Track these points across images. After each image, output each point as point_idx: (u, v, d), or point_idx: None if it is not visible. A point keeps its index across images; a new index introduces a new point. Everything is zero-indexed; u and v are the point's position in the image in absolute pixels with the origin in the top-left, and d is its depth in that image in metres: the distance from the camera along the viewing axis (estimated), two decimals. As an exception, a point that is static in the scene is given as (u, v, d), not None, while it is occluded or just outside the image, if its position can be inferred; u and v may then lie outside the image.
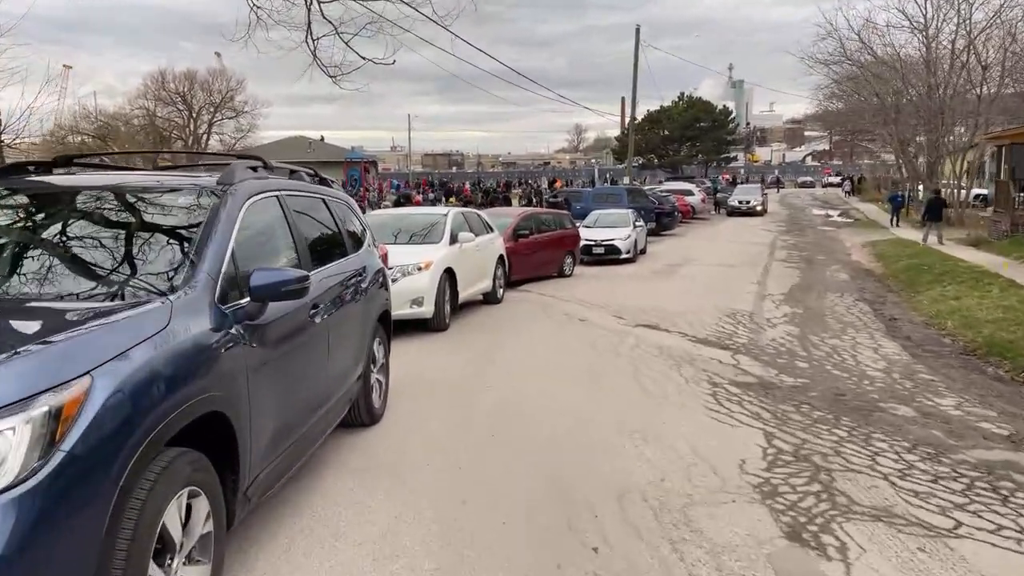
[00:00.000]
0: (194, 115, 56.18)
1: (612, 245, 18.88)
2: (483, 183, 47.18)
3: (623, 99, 66.54)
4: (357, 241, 5.53)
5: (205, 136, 57.51)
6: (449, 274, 9.77)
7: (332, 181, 5.79)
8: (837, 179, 61.67)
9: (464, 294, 10.39)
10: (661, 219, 26.63)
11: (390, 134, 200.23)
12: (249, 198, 3.74)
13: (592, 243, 18.69)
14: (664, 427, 5.69)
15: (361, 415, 5.36)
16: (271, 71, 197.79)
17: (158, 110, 56.32)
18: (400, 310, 8.95)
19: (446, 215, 10.59)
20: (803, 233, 27.84)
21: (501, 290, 12.41)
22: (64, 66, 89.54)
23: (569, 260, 16.54)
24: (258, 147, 57.81)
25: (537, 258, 15.39)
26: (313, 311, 4.05)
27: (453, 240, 10.18)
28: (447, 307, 9.69)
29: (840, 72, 31.39)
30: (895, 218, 28.83)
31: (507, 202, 30.61)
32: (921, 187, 33.04)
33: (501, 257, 12.40)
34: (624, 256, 18.90)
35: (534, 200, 31.58)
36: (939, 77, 28.07)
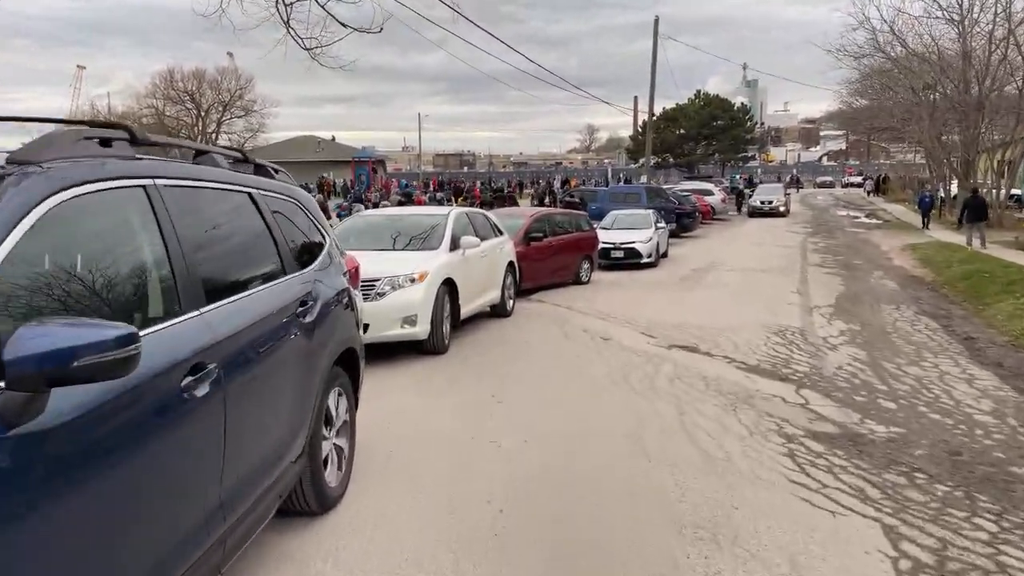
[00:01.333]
0: (202, 114, 54.91)
1: (632, 248, 17.19)
2: (494, 183, 45.47)
3: (635, 98, 64.69)
4: (305, 255, 3.87)
5: (214, 135, 56.22)
6: (449, 286, 8.12)
7: (277, 170, 4.13)
8: (859, 179, 59.35)
9: (467, 308, 8.73)
10: (682, 220, 24.87)
11: (402, 134, 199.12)
12: (64, 190, 2.10)
13: (610, 246, 17.00)
14: (738, 516, 4.00)
15: (306, 501, 3.71)
16: (282, 72, 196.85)
17: (167, 109, 55.14)
18: (388, 331, 7.32)
19: (447, 216, 8.93)
20: (832, 235, 26.01)
21: (511, 301, 10.75)
22: (78, 66, 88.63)
23: (586, 266, 14.85)
24: (267, 146, 56.46)
25: (551, 263, 13.72)
26: (193, 378, 2.39)
27: (454, 246, 8.52)
28: (446, 325, 8.03)
29: (870, 65, 29.48)
30: (926, 220, 26.89)
31: (512, 202, 28.65)
32: (955, 186, 31.09)
33: (511, 264, 10.73)
34: (645, 260, 17.21)
35: (547, 200, 29.83)
36: (978, 69, 26.13)
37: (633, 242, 17.27)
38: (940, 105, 26.78)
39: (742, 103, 53.84)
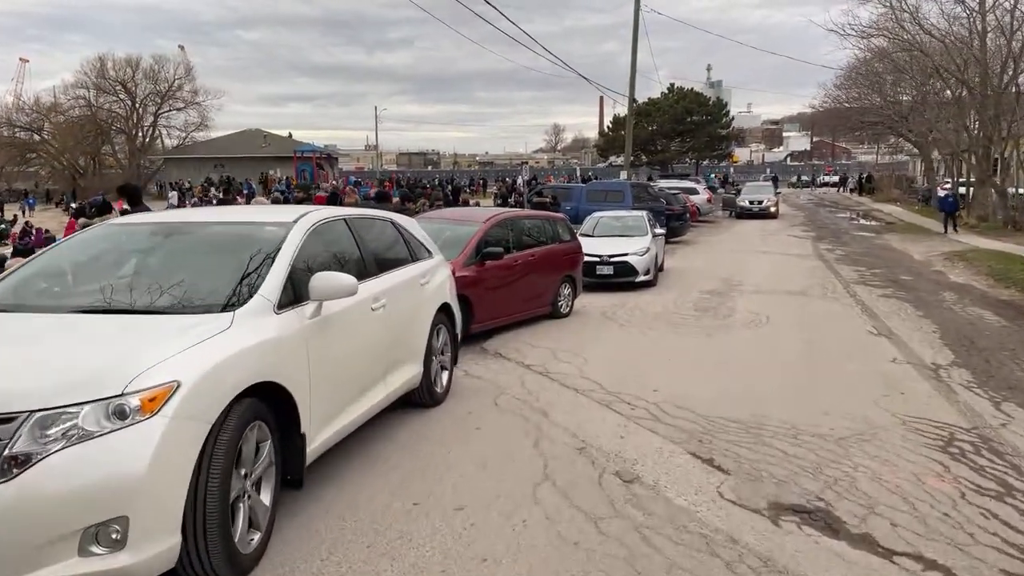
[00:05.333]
0: (137, 106, 48.85)
1: (624, 263, 12.46)
2: (456, 181, 39.99)
3: (601, 98, 60.36)
4: None
5: (151, 128, 50.26)
6: (272, 402, 3.23)
7: None
8: (835, 178, 55.44)
9: (330, 433, 3.84)
10: (671, 223, 20.21)
11: (366, 133, 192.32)
12: None
13: (595, 259, 12.26)
14: None
15: None
16: (246, 70, 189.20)
17: (99, 100, 48.94)
18: (32, 572, 2.38)
19: (289, 229, 3.95)
20: (842, 241, 21.63)
21: (445, 374, 5.90)
22: (20, 59, 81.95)
23: (567, 291, 10.09)
24: (208, 141, 50.75)
25: (517, 291, 8.96)
26: None
27: (295, 297, 3.62)
28: (250, 511, 3.13)
29: (878, 46, 25.18)
30: (952, 223, 22.58)
31: (449, 203, 21.70)
32: (966, 185, 26.98)
33: (445, 308, 5.87)
34: (642, 278, 12.51)
35: (511, 201, 24.67)
36: (1004, 52, 21.94)
37: (625, 254, 12.54)
38: (967, 91, 22.48)
39: (717, 98, 49.48)
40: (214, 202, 28.78)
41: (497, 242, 8.81)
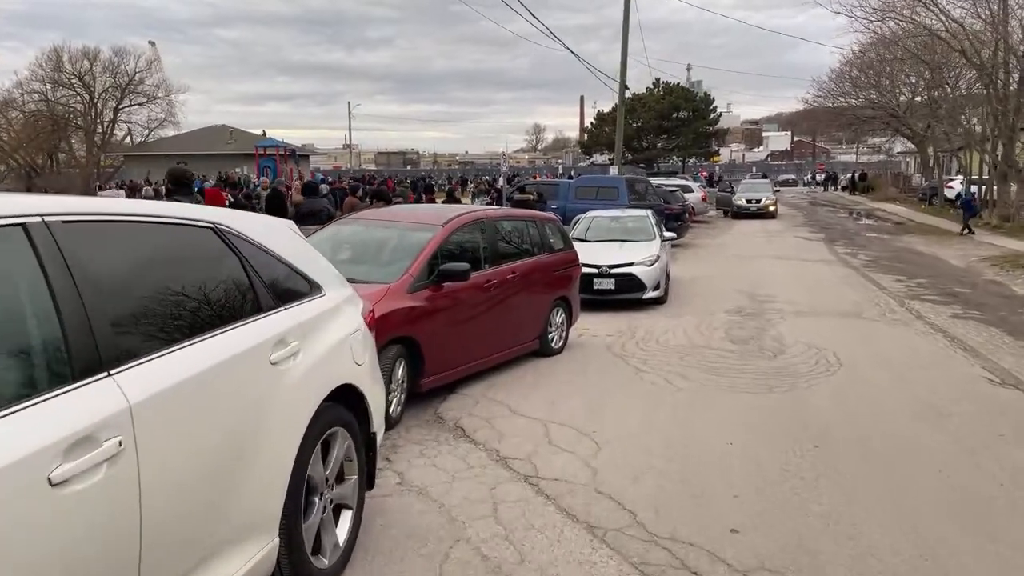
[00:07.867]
0: (96, 100, 45.17)
1: (629, 275, 9.71)
2: (429, 178, 36.86)
3: (582, 98, 57.83)
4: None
5: (110, 124, 46.65)
6: None
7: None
8: (820, 177, 53.24)
9: None
10: (669, 223, 17.47)
11: (345, 132, 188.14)
12: None
13: (593, 271, 9.49)
14: None
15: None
16: (228, 68, 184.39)
17: (55, 94, 45.23)
18: None
19: None
20: (858, 243, 19.03)
21: (346, 520, 3.04)
22: (-12, 56, 77.09)
23: (560, 318, 7.28)
24: (171, 138, 47.34)
25: (492, 323, 6.15)
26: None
27: None
28: None
29: (887, 31, 22.69)
30: (968, 223, 20.13)
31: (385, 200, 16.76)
32: (959, 183, 24.59)
33: (345, 393, 2.98)
34: (650, 294, 9.76)
35: (456, 197, 20.31)
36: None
37: (630, 264, 9.78)
38: (990, 79, 19.96)
39: (705, 93, 46.94)
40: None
41: (462, 253, 6.00)
